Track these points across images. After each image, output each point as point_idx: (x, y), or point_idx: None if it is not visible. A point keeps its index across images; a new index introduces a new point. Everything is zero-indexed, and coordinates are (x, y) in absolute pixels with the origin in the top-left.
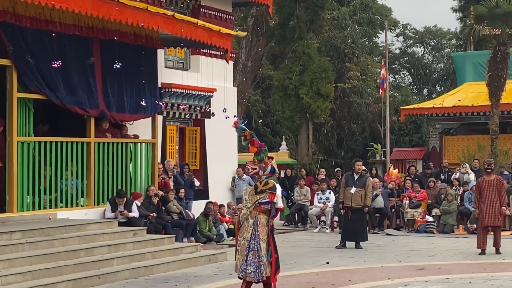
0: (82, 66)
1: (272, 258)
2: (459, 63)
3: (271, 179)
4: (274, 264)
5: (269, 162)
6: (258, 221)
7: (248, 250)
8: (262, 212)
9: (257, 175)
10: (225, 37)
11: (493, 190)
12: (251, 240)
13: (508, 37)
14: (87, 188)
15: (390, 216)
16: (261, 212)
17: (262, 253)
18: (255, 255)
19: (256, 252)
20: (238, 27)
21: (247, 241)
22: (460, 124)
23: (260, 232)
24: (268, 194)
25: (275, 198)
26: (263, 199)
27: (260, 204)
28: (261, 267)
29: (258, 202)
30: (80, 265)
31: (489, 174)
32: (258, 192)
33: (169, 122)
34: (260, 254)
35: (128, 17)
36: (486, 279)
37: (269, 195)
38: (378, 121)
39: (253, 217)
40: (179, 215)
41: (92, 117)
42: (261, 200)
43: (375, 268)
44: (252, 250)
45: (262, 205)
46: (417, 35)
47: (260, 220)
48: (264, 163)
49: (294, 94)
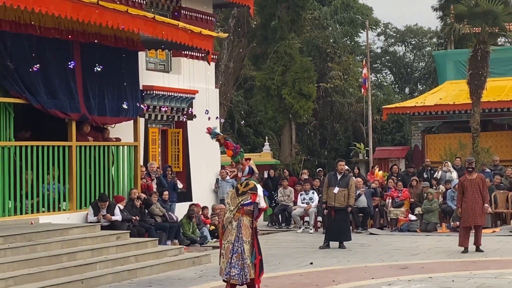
0: (62, 69)
1: (256, 260)
2: (440, 62)
3: (251, 180)
4: (258, 266)
5: (247, 163)
6: (241, 223)
7: (232, 253)
8: (245, 214)
9: (237, 177)
10: (206, 39)
11: (475, 189)
12: (235, 243)
13: (488, 35)
14: (69, 192)
15: (373, 215)
16: (244, 214)
17: (246, 255)
18: (239, 257)
19: (240, 255)
20: (219, 28)
21: (231, 244)
22: (441, 122)
23: (243, 234)
24: (250, 195)
25: (257, 199)
26: (245, 201)
27: (243, 206)
28: (245, 269)
29: (240, 204)
30: (62, 270)
31: (470, 173)
32: (239, 194)
33: (151, 124)
34: (244, 256)
35: (108, 20)
36: (469, 277)
37: (251, 195)
38: (360, 121)
39: (236, 220)
40: (162, 218)
41: (73, 120)
42: (244, 202)
43: (358, 268)
44: (236, 252)
45: (244, 206)
46: (398, 34)
47: (243, 222)
48: (241, 164)
49: (276, 95)
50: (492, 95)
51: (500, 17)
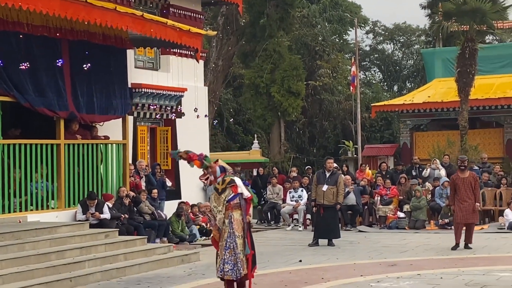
0: (50, 67)
1: (248, 254)
2: (428, 60)
3: (226, 177)
4: (250, 261)
5: (216, 164)
6: (232, 219)
7: (225, 249)
8: (234, 209)
9: (213, 181)
10: (195, 37)
11: (468, 187)
12: (227, 239)
13: (476, 33)
14: (58, 190)
15: (362, 213)
16: (233, 209)
17: (239, 250)
18: (232, 253)
19: (232, 250)
20: (208, 26)
21: (224, 241)
22: (430, 120)
23: (235, 229)
24: (231, 189)
25: (238, 189)
26: (229, 196)
27: (229, 202)
28: (238, 264)
29: (226, 201)
30: (51, 268)
31: (463, 171)
32: (220, 192)
33: (140, 122)
34: (237, 251)
35: (96, 17)
36: (457, 274)
37: (232, 188)
38: (349, 118)
39: (227, 217)
40: (151, 216)
41: (61, 118)
42: (228, 198)
43: (347, 265)
44: (228, 248)
45: (230, 201)
46: (387, 32)
47: (234, 217)
48: (210, 167)
49: (265, 92)
50: (480, 92)
51: (488, 15)
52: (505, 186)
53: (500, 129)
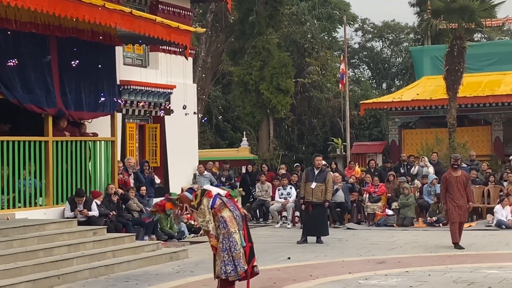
0: (39, 64)
1: (246, 247)
2: (417, 57)
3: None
4: (248, 253)
5: (182, 192)
6: (224, 219)
7: (223, 251)
8: (221, 210)
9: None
10: (184, 34)
11: (461, 186)
12: (223, 240)
13: (465, 31)
14: (46, 188)
15: (350, 210)
16: (220, 210)
17: (238, 246)
18: (229, 254)
19: (229, 251)
20: (197, 23)
21: (220, 243)
22: (418, 117)
23: (230, 227)
24: (206, 197)
25: (213, 192)
26: (209, 202)
27: (213, 207)
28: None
29: (210, 208)
30: (39, 266)
31: (455, 170)
32: (197, 207)
33: (128, 119)
34: (236, 249)
35: (85, 14)
36: (445, 272)
37: (206, 196)
38: (338, 116)
39: (218, 220)
40: (139, 213)
41: (49, 115)
42: (210, 204)
43: (336, 263)
44: (226, 250)
45: (214, 206)
46: (376, 29)
47: (225, 216)
48: (180, 198)
49: (254, 90)
50: (469, 90)
51: (477, 13)
52: (493, 184)
53: (488, 126)
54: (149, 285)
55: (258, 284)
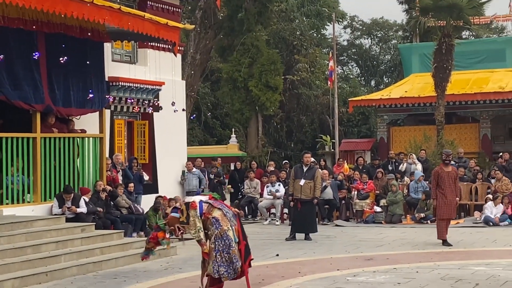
0: (27, 60)
1: (241, 245)
2: (406, 55)
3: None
4: (243, 251)
5: (169, 216)
6: (216, 219)
7: (215, 251)
8: (210, 213)
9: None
10: (172, 30)
11: (452, 182)
12: (215, 241)
13: (453, 28)
14: (34, 184)
15: (339, 207)
16: (210, 213)
17: (234, 244)
18: (222, 255)
19: (222, 252)
20: (186, 20)
21: (213, 243)
22: (407, 115)
23: (223, 225)
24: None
25: (196, 202)
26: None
27: (202, 214)
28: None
29: (199, 216)
30: (27, 262)
31: (447, 165)
32: (187, 221)
33: (117, 116)
34: (232, 245)
35: (73, 10)
36: (433, 268)
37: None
38: (327, 113)
39: (210, 223)
40: (128, 210)
41: (37, 112)
42: (199, 213)
43: (324, 260)
44: (218, 250)
45: (202, 212)
46: (364, 27)
47: (216, 216)
48: (168, 221)
49: (243, 87)
50: (457, 88)
51: (465, 10)
52: (481, 181)
53: (476, 124)
54: (138, 282)
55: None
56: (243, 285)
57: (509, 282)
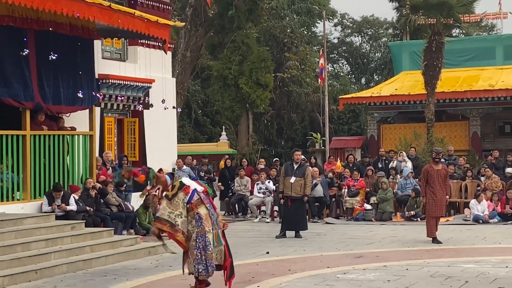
0: (16, 58)
1: (226, 262)
2: (396, 53)
3: (175, 181)
4: (228, 269)
5: (163, 173)
6: (200, 216)
7: (196, 249)
8: (197, 206)
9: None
10: (163, 28)
11: (441, 180)
12: (197, 239)
13: (443, 26)
14: (23, 182)
15: (329, 205)
16: (197, 207)
17: (211, 246)
18: (202, 253)
19: (202, 250)
20: (176, 17)
21: (194, 241)
22: (397, 112)
23: (205, 225)
24: (183, 191)
25: (191, 188)
26: (186, 197)
27: (190, 202)
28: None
29: (185, 203)
30: (16, 260)
31: (437, 163)
32: (171, 198)
33: (107, 113)
34: (208, 249)
35: (63, 7)
36: (423, 266)
37: (183, 191)
38: (317, 111)
39: (194, 217)
40: (118, 208)
41: (27, 109)
42: (187, 199)
43: (314, 257)
44: (198, 248)
45: (191, 201)
46: (355, 24)
47: (201, 213)
48: (158, 178)
49: (233, 84)
50: (447, 85)
51: (455, 8)
52: (470, 179)
53: (466, 122)
54: (128, 279)
55: (236, 279)
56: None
57: (498, 279)
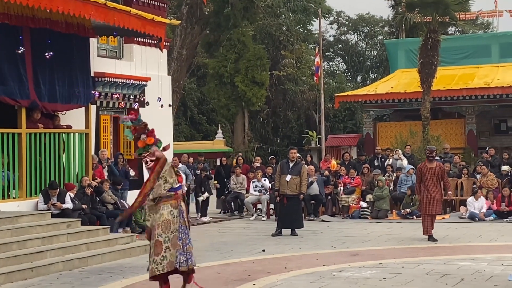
0: (12, 55)
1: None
2: (392, 50)
3: None
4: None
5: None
6: (182, 209)
7: (178, 240)
8: (180, 199)
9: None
10: (158, 26)
11: (435, 178)
12: (179, 229)
13: (439, 24)
14: (19, 180)
15: (325, 202)
16: (180, 199)
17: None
18: (184, 243)
19: (184, 241)
20: (172, 15)
21: (177, 231)
22: (393, 110)
23: (185, 219)
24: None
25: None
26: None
27: (176, 191)
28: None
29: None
30: (12, 258)
31: (431, 161)
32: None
33: (102, 111)
34: (187, 242)
35: (58, 5)
36: (419, 264)
37: (178, 178)
38: (313, 108)
39: (176, 207)
40: (114, 206)
41: (23, 107)
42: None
43: (310, 255)
44: (181, 239)
45: (177, 190)
46: (351, 22)
47: (183, 207)
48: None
49: (229, 82)
50: (442, 83)
51: (451, 6)
52: (466, 176)
53: (461, 119)
54: (124, 277)
55: (232, 277)
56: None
57: (494, 277)
